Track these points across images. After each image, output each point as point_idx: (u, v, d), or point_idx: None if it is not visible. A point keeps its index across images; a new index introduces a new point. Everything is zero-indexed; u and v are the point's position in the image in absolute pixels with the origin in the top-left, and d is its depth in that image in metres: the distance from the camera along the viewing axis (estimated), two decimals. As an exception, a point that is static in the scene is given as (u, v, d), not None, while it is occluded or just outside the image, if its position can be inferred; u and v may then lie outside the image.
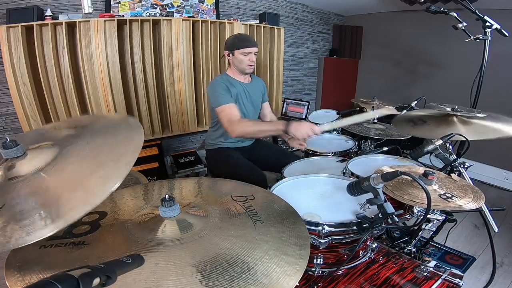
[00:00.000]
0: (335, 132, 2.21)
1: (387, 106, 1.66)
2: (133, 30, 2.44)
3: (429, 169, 1.02)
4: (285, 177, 1.26)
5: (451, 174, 1.14)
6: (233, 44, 1.71)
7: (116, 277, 0.44)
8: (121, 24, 2.35)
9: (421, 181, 0.80)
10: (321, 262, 0.94)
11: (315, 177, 1.26)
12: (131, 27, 2.42)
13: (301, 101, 3.61)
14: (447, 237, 1.67)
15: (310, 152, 1.79)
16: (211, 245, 0.66)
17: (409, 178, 0.86)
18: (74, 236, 0.69)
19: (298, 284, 0.74)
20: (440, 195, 0.97)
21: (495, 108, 1.60)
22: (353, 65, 4.36)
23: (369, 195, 0.88)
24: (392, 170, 0.84)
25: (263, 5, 3.43)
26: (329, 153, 1.74)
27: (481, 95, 1.84)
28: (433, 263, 1.44)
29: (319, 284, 0.92)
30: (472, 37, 1.76)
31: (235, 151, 1.88)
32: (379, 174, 0.85)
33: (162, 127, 2.80)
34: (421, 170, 1.08)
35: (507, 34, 1.70)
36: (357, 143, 1.91)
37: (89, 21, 2.18)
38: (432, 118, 1.56)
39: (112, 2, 2.45)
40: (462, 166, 1.21)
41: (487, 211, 1.25)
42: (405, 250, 1.30)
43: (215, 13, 3.00)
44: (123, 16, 2.46)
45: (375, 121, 1.95)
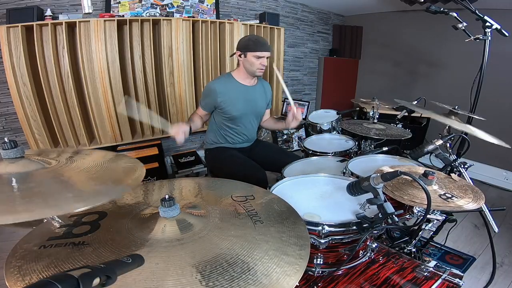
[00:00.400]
0: (335, 132, 2.21)
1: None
2: (133, 30, 2.45)
3: (429, 169, 1.02)
4: (285, 177, 1.26)
5: (451, 174, 1.14)
6: (247, 45, 1.66)
7: (116, 277, 0.44)
8: (121, 24, 2.35)
9: (421, 181, 0.80)
10: (321, 262, 0.94)
11: (315, 177, 1.26)
12: (131, 27, 2.42)
13: (301, 101, 3.61)
14: (447, 237, 1.67)
15: (310, 152, 1.79)
16: (211, 245, 0.66)
17: (409, 178, 0.86)
18: (74, 236, 0.69)
19: (298, 284, 0.74)
20: (440, 195, 0.97)
21: (495, 108, 1.60)
22: (353, 65, 4.36)
23: (369, 195, 0.88)
24: (392, 170, 0.84)
25: (263, 5, 3.43)
26: (329, 153, 1.74)
27: (481, 95, 1.84)
28: (433, 263, 1.44)
29: (319, 284, 0.91)
30: (472, 37, 1.76)
31: (235, 150, 1.88)
32: (379, 174, 0.85)
33: (162, 127, 2.80)
34: (421, 170, 1.08)
35: (507, 34, 1.69)
36: (357, 143, 1.91)
37: (89, 21, 2.18)
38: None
39: (112, 2, 2.45)
40: (462, 166, 1.22)
41: (487, 211, 1.25)
42: (405, 250, 1.30)
43: (215, 13, 3.00)
44: (123, 16, 2.47)
45: (375, 121, 1.96)
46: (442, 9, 1.76)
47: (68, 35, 2.18)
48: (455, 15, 1.76)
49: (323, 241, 0.89)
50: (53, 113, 2.23)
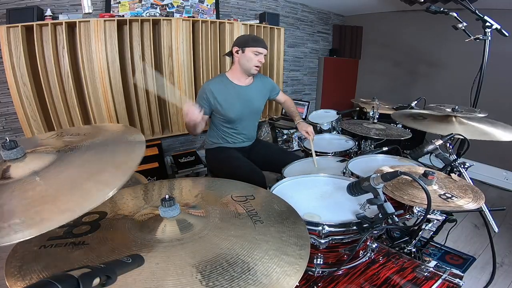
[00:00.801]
0: (335, 132, 2.21)
1: None
2: (133, 30, 2.44)
3: (429, 169, 1.02)
4: (285, 177, 1.26)
5: (451, 174, 1.14)
6: (246, 41, 1.68)
7: (116, 277, 0.44)
8: (121, 24, 2.35)
9: (421, 181, 0.80)
10: (321, 262, 0.94)
11: (315, 177, 1.26)
12: (131, 27, 2.42)
13: (301, 101, 3.61)
14: (447, 237, 1.67)
15: (310, 152, 1.79)
16: (211, 245, 0.66)
17: (409, 178, 0.86)
18: (74, 236, 0.69)
19: (298, 284, 0.74)
20: (440, 195, 0.97)
21: (495, 108, 1.61)
22: (353, 65, 4.36)
23: (369, 195, 0.88)
24: (392, 170, 0.85)
25: (263, 5, 3.43)
26: (329, 153, 1.74)
27: (481, 95, 1.85)
28: (433, 263, 1.45)
29: (319, 284, 0.91)
30: (472, 37, 1.76)
31: (234, 150, 1.87)
32: (379, 174, 0.85)
33: (162, 127, 2.81)
34: (421, 170, 1.08)
35: (507, 34, 1.70)
36: (357, 143, 1.91)
37: (89, 21, 2.18)
38: (432, 117, 1.56)
39: (112, 2, 2.45)
40: (462, 166, 1.21)
41: (487, 211, 1.25)
42: (405, 250, 1.30)
43: (215, 13, 3.00)
44: (123, 16, 2.46)
45: (375, 121, 1.96)
46: (442, 9, 1.76)
47: (68, 35, 2.18)
48: (455, 15, 1.76)
49: (323, 241, 0.89)
50: (53, 113, 2.23)
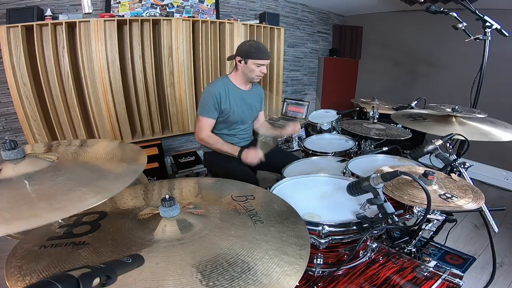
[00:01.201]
0: (335, 132, 2.21)
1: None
2: (133, 30, 2.44)
3: (429, 169, 1.02)
4: (285, 177, 1.26)
5: (451, 174, 1.14)
6: (248, 52, 1.67)
7: (116, 277, 0.44)
8: (121, 24, 2.35)
9: (421, 181, 0.80)
10: (321, 262, 0.94)
11: (315, 177, 1.26)
12: (131, 27, 2.42)
13: (301, 101, 3.61)
14: (447, 237, 1.67)
15: (310, 152, 1.79)
16: (211, 245, 0.66)
17: (409, 178, 0.86)
18: (74, 236, 0.69)
19: (298, 284, 0.74)
20: (440, 195, 0.97)
21: (495, 108, 1.61)
22: (353, 65, 4.36)
23: (369, 195, 0.88)
24: (392, 170, 0.85)
25: (263, 5, 3.43)
26: (329, 153, 1.74)
27: (481, 95, 1.84)
28: (433, 263, 1.45)
29: (319, 284, 0.92)
30: (472, 37, 1.76)
31: None
32: (379, 174, 0.85)
33: (162, 127, 2.81)
34: (421, 170, 1.08)
35: (507, 34, 1.70)
36: (357, 143, 1.91)
37: (89, 21, 2.18)
38: (431, 117, 1.56)
39: (112, 2, 2.44)
40: (462, 166, 1.21)
41: (487, 211, 1.25)
42: (405, 250, 1.30)
43: (215, 13, 3.00)
44: (123, 16, 2.46)
45: (375, 121, 1.96)
46: (442, 9, 1.76)
47: (68, 35, 2.18)
48: (455, 15, 1.76)
49: (323, 241, 0.89)
50: (53, 113, 2.23)
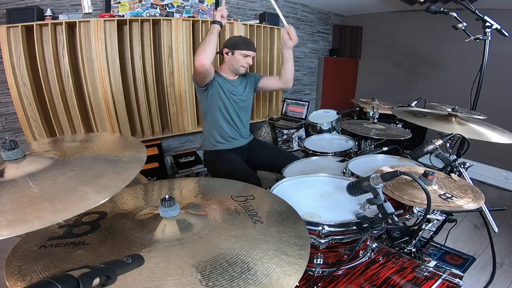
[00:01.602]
0: (335, 132, 2.21)
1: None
2: (133, 30, 2.44)
3: (429, 169, 1.02)
4: (285, 177, 1.26)
5: (451, 174, 1.14)
6: (235, 44, 1.80)
7: (116, 277, 0.44)
8: (121, 24, 2.35)
9: (421, 181, 0.80)
10: (321, 262, 0.94)
11: (315, 177, 1.26)
12: (131, 27, 2.42)
13: (301, 101, 3.61)
14: (447, 237, 1.67)
15: (310, 152, 1.79)
16: (211, 245, 0.66)
17: (409, 178, 0.85)
18: (74, 236, 0.69)
19: (298, 284, 0.74)
20: (440, 195, 0.97)
21: (495, 108, 1.60)
22: (353, 65, 4.36)
23: (369, 195, 0.88)
24: (392, 170, 0.84)
25: (263, 5, 3.43)
26: (329, 153, 1.74)
27: (481, 95, 1.84)
28: (433, 263, 1.45)
29: (319, 284, 0.91)
30: (472, 37, 1.76)
31: (232, 153, 1.87)
32: (379, 174, 0.85)
33: (162, 127, 2.81)
34: (421, 170, 1.08)
35: (507, 34, 1.69)
36: (357, 143, 1.91)
37: (89, 21, 2.18)
38: (432, 116, 1.56)
39: (112, 2, 2.44)
40: (462, 166, 1.21)
41: (487, 211, 1.25)
42: (405, 250, 1.30)
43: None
44: (123, 16, 2.46)
45: (375, 121, 1.96)
46: (442, 9, 1.76)
47: (68, 35, 2.18)
48: (455, 15, 1.76)
49: (323, 241, 0.89)
50: (53, 113, 2.23)
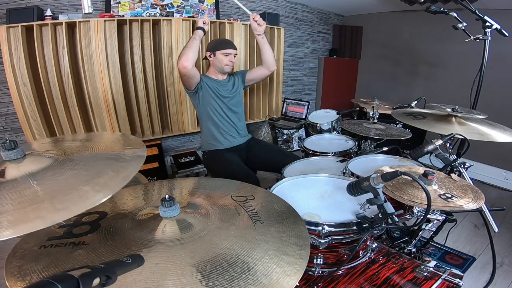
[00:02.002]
0: (335, 132, 2.21)
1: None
2: (133, 30, 2.44)
3: (429, 169, 1.02)
4: (285, 177, 1.26)
5: (451, 174, 1.14)
6: (215, 46, 1.88)
7: (116, 277, 0.44)
8: (121, 24, 2.35)
9: (421, 181, 0.80)
10: (321, 262, 0.94)
11: (315, 177, 1.26)
12: (131, 27, 2.42)
13: (301, 101, 3.61)
14: (447, 237, 1.67)
15: (310, 152, 1.79)
16: (211, 245, 0.66)
17: (409, 178, 0.85)
18: (74, 236, 0.69)
19: (298, 284, 0.74)
20: (440, 195, 0.97)
21: (495, 108, 1.60)
22: (353, 65, 4.36)
23: (369, 195, 0.88)
24: (392, 170, 0.84)
25: (263, 5, 3.43)
26: (329, 153, 1.74)
27: (481, 95, 1.84)
28: (433, 263, 1.44)
29: (319, 284, 0.91)
30: (472, 37, 1.76)
31: (231, 153, 1.87)
32: (379, 174, 0.85)
33: (162, 127, 2.81)
34: (421, 170, 1.08)
35: (507, 34, 1.69)
36: (357, 143, 1.91)
37: (89, 21, 2.18)
38: (432, 116, 1.56)
39: (112, 2, 2.44)
40: (462, 166, 1.21)
41: (487, 211, 1.25)
42: (405, 250, 1.30)
43: (215, 13, 3.00)
44: (123, 16, 2.46)
45: (375, 121, 1.96)
46: (442, 9, 1.76)
47: (68, 35, 2.18)
48: (455, 15, 1.76)
49: (323, 241, 0.89)
50: (53, 113, 2.23)
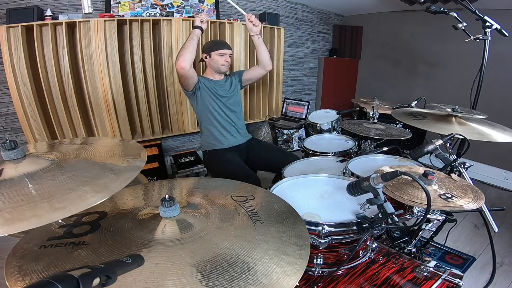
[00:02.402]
0: (335, 132, 2.21)
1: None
2: (133, 30, 2.45)
3: (429, 169, 1.02)
4: (285, 177, 1.26)
5: (451, 174, 1.14)
6: (209, 47, 1.90)
7: (116, 277, 0.44)
8: (121, 24, 2.35)
9: (421, 181, 0.80)
10: (321, 262, 0.94)
11: (315, 177, 1.26)
12: (131, 27, 2.42)
13: (301, 101, 3.61)
14: (447, 237, 1.67)
15: (310, 152, 1.79)
16: (211, 245, 0.66)
17: (409, 178, 0.86)
18: (74, 236, 0.69)
19: (298, 284, 0.74)
20: (440, 195, 0.97)
21: (495, 108, 1.60)
22: (353, 65, 4.36)
23: (369, 195, 0.88)
24: (392, 170, 0.84)
25: (263, 5, 3.43)
26: (329, 153, 1.74)
27: (481, 95, 1.84)
28: (433, 263, 1.44)
29: (319, 284, 0.91)
30: (472, 37, 1.76)
31: (231, 152, 1.87)
32: (379, 174, 0.85)
33: (162, 127, 2.81)
34: (421, 170, 1.08)
35: (507, 34, 1.69)
36: (357, 143, 1.91)
37: (89, 21, 2.18)
38: (431, 116, 1.56)
39: (112, 2, 2.44)
40: (462, 166, 1.21)
41: (487, 211, 1.25)
42: (405, 250, 1.30)
43: (215, 13, 3.00)
44: (123, 16, 2.46)
45: (375, 121, 1.96)
46: (442, 9, 1.76)
47: (68, 35, 2.18)
48: (455, 15, 1.76)
49: (323, 241, 0.89)
50: (53, 113, 2.23)
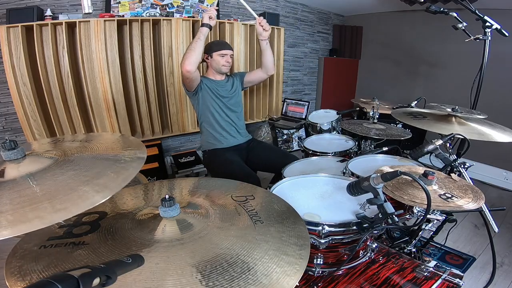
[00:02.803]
0: (335, 132, 2.21)
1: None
2: (133, 30, 2.45)
3: (429, 169, 1.02)
4: (285, 177, 1.26)
5: (451, 174, 1.14)
6: (211, 47, 1.89)
7: (116, 277, 0.44)
8: (121, 24, 2.35)
9: (421, 181, 0.80)
10: (321, 262, 0.94)
11: (315, 177, 1.26)
12: (131, 27, 2.42)
13: (301, 101, 3.61)
14: (447, 237, 1.67)
15: (310, 152, 1.79)
16: (211, 245, 0.66)
17: (409, 178, 0.86)
18: (74, 236, 0.69)
19: (298, 284, 0.74)
20: (440, 195, 0.97)
21: (495, 108, 1.60)
22: (353, 65, 4.36)
23: (369, 195, 0.88)
24: (392, 170, 0.84)
25: (263, 5, 3.43)
26: (329, 153, 1.74)
27: (481, 95, 1.84)
28: (433, 263, 1.45)
29: (319, 284, 0.91)
30: (472, 37, 1.76)
31: (231, 152, 1.87)
32: (379, 174, 0.85)
33: (162, 127, 2.81)
34: (421, 170, 1.08)
35: (507, 34, 1.69)
36: (357, 143, 1.91)
37: (89, 21, 2.18)
38: (431, 116, 1.56)
39: (112, 2, 2.44)
40: (462, 166, 1.21)
41: (487, 211, 1.25)
42: (405, 250, 1.30)
43: (215, 13, 3.00)
44: (123, 16, 2.46)
45: (375, 121, 1.96)
46: (442, 9, 1.76)
47: (68, 35, 2.18)
48: (455, 15, 1.76)
49: (323, 241, 0.89)
50: (53, 113, 2.23)
